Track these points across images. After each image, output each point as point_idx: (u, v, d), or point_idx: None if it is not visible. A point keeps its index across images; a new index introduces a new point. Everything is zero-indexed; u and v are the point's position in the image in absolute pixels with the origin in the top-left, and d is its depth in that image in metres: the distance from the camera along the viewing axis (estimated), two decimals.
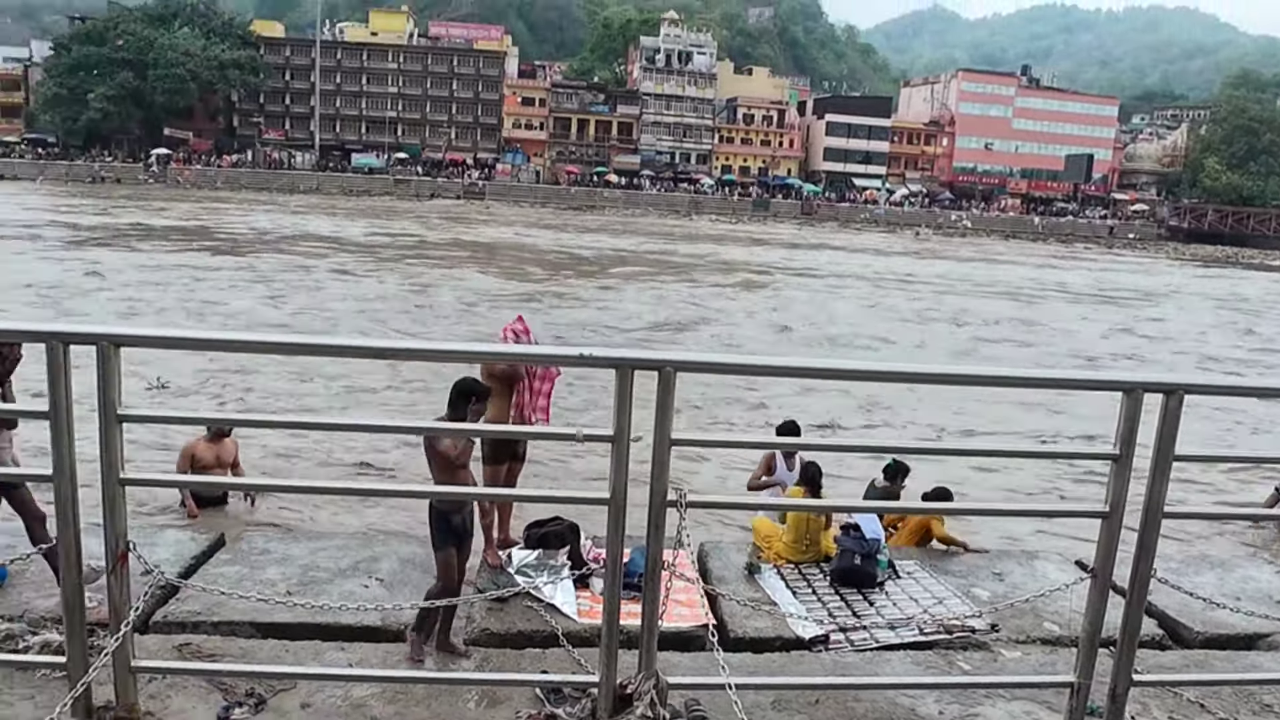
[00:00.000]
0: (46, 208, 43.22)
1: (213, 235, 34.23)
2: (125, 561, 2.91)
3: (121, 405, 2.80)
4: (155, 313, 17.78)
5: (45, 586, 4.33)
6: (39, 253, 25.99)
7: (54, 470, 2.80)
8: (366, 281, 23.89)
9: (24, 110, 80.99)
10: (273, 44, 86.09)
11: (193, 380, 11.80)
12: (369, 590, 4.78)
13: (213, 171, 72.14)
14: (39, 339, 2.79)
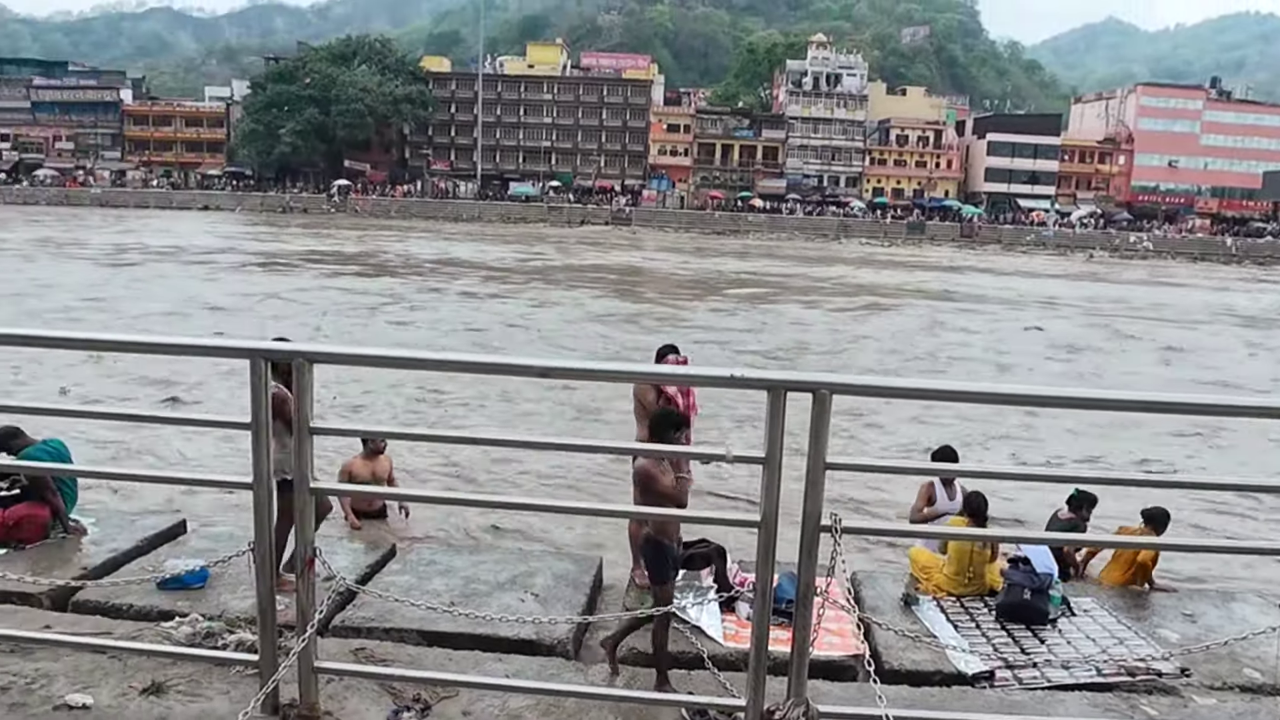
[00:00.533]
0: (234, 235, 47.36)
1: (365, 260, 36.48)
2: (312, 567, 3.05)
3: (313, 419, 2.96)
4: (296, 328, 19.22)
5: (240, 589, 4.71)
6: (207, 276, 28.53)
7: (253, 479, 2.98)
8: (489, 303, 24.88)
9: (226, 145, 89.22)
10: (440, 78, 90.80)
11: (360, 397, 12.46)
12: (525, 605, 4.92)
13: (386, 201, 77.03)
14: (244, 355, 2.98)
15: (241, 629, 4.02)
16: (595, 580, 5.42)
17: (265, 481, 3.01)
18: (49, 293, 23.08)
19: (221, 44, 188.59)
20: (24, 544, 5.21)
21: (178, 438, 9.80)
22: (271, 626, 3.08)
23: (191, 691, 3.47)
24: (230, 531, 5.70)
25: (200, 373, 13.36)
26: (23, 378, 13.09)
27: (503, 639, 4.42)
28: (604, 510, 5.67)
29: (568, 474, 9.31)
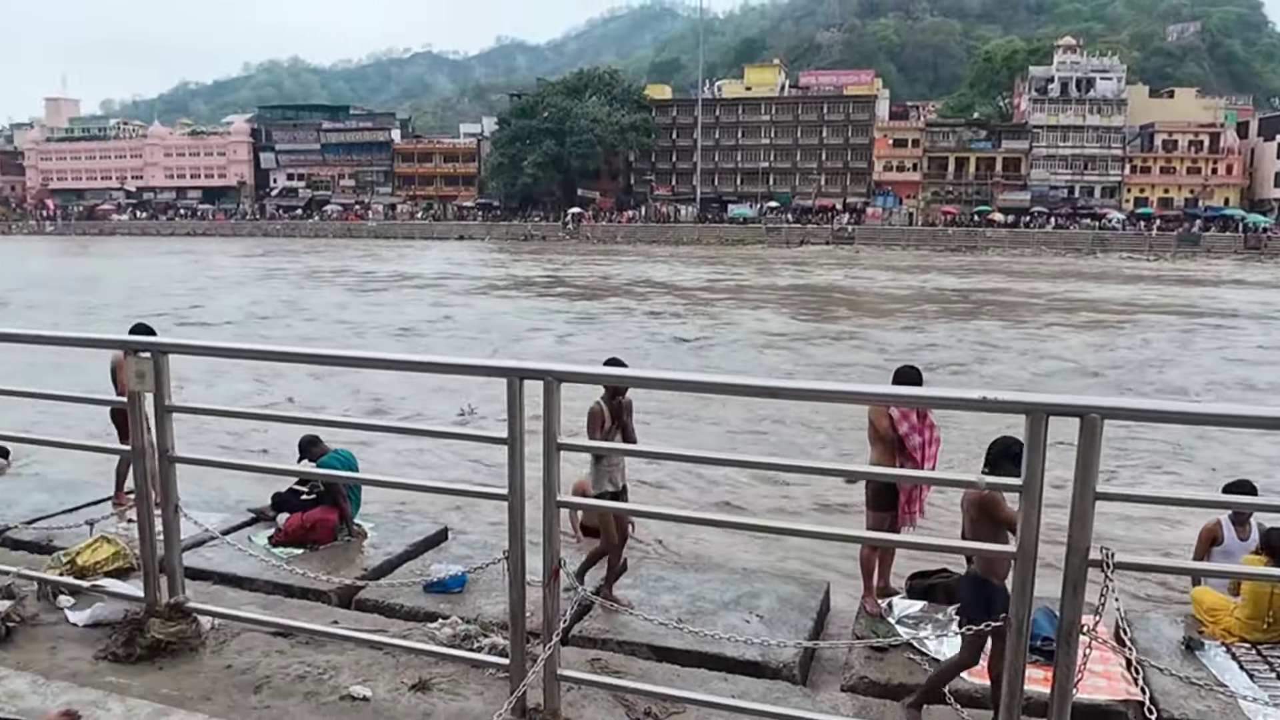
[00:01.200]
0: (467, 262, 51.22)
1: (571, 283, 38.20)
2: (557, 577, 3.19)
3: (560, 435, 3.08)
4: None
5: (493, 594, 5.01)
6: (433, 300, 30.94)
7: (509, 490, 3.15)
8: (672, 324, 25.04)
9: (477, 178, 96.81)
10: (662, 106, 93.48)
11: None
12: (750, 625, 4.90)
13: (614, 227, 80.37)
14: (502, 374, 3.16)
15: (494, 633, 4.26)
16: (822, 605, 5.31)
17: (519, 494, 3.15)
18: (299, 314, 26.20)
19: (473, 83, 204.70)
20: (317, 544, 5.84)
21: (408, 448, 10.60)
22: (521, 633, 3.23)
23: (452, 690, 3.73)
24: (484, 540, 6.12)
25: (405, 389, 14.46)
26: (264, 388, 14.74)
27: (728, 659, 4.42)
28: (837, 535, 5.49)
29: (767, 496, 9.18)
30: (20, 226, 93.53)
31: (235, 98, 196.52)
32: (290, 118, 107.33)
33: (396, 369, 8.03)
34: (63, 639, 3.97)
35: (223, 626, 3.98)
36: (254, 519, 6.25)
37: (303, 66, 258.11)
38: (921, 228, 77.01)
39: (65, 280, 38.52)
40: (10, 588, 4.17)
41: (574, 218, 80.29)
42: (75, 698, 3.17)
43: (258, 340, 19.72)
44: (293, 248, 64.22)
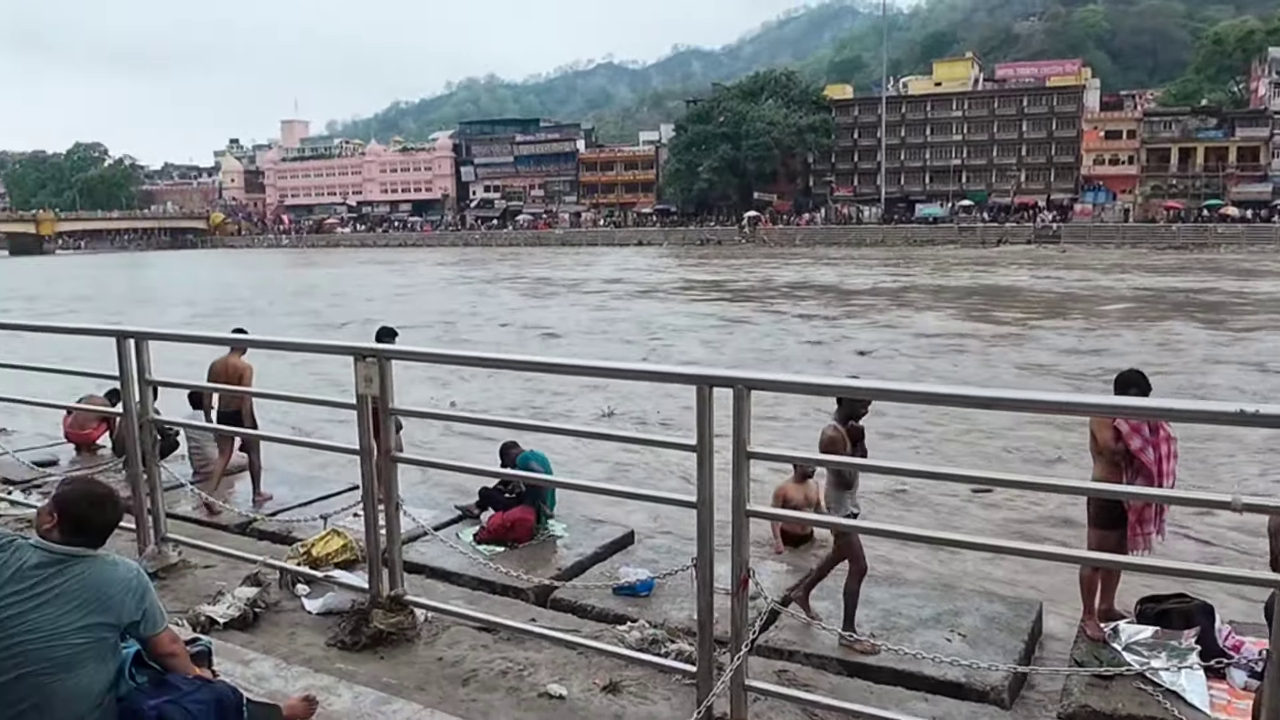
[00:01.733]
0: (635, 268, 51.65)
1: (730, 287, 37.60)
2: (746, 587, 3.16)
3: (750, 443, 3.06)
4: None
5: (679, 600, 5.07)
6: (595, 304, 31.42)
7: (697, 499, 3.16)
8: (822, 329, 24.11)
9: (655, 185, 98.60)
10: (842, 105, 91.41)
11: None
12: (951, 644, 4.69)
13: (791, 230, 79.31)
14: (691, 381, 3.18)
15: (680, 639, 4.30)
16: (1033, 627, 5.00)
17: (709, 502, 3.15)
18: (473, 319, 27.49)
19: (651, 92, 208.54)
20: (517, 543, 6.14)
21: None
22: (709, 641, 3.22)
23: (640, 694, 3.79)
24: (670, 545, 6.21)
25: (567, 389, 14.85)
26: (439, 389, 15.34)
27: (927, 678, 4.25)
28: (1060, 555, 5.07)
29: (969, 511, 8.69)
30: (261, 240, 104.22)
31: (439, 115, 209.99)
32: (487, 132, 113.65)
33: (584, 374, 8.27)
34: (299, 625, 4.36)
35: (435, 619, 4.24)
36: (461, 516, 6.65)
37: (497, 83, 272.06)
38: (1139, 224, 70.72)
39: (293, 288, 42.76)
40: (258, 575, 4.65)
41: (750, 221, 79.91)
42: (311, 683, 3.44)
43: (445, 345, 20.87)
44: (484, 256, 67.77)
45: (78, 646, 2.48)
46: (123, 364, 4.46)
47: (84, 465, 8.17)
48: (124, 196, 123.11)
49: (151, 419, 4.62)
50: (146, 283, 48.99)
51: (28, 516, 5.60)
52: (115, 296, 40.62)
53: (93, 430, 8.76)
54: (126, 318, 28.03)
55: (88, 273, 61.01)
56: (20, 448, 7.83)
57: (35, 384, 8.21)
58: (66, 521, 2.59)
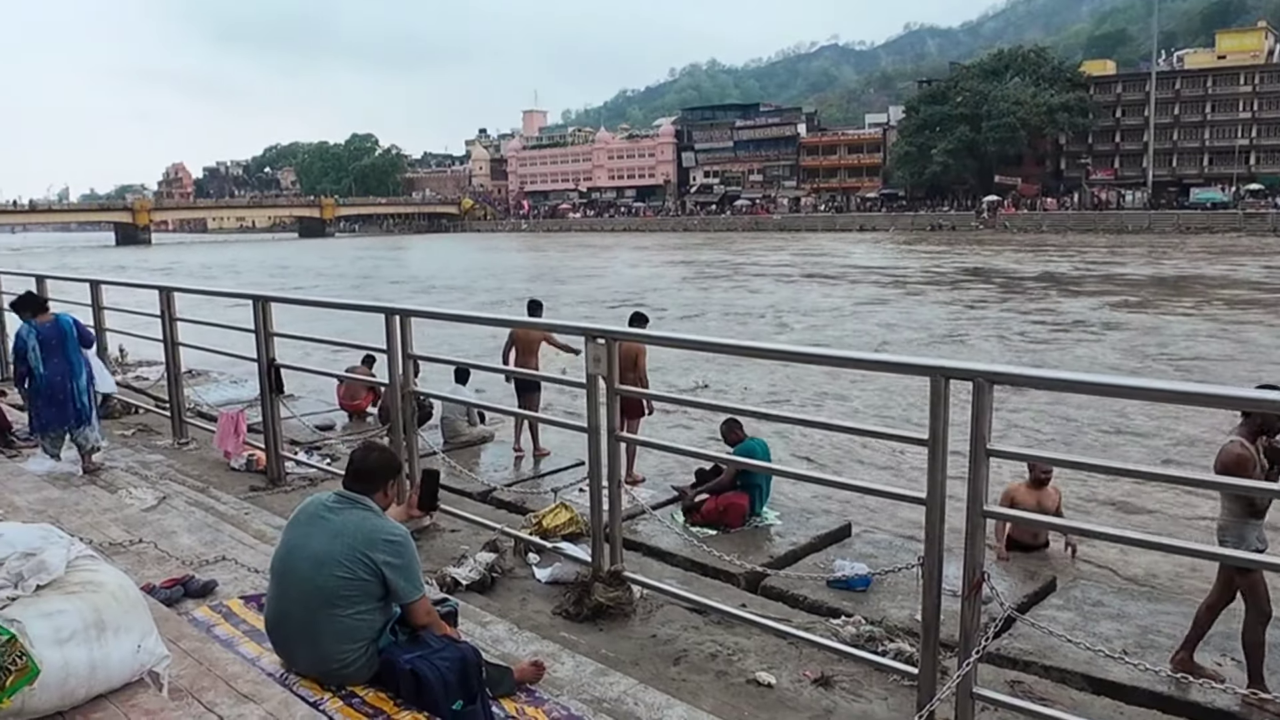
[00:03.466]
0: (854, 253, 49.80)
1: (990, 275, 35.12)
2: (979, 590, 3.00)
3: (990, 441, 2.89)
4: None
5: (899, 598, 4.89)
6: (796, 289, 30.25)
7: (927, 494, 3.04)
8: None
9: (881, 169, 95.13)
10: (1102, 83, 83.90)
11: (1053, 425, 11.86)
12: (1223, 669, 4.23)
13: (1037, 215, 73.56)
14: (925, 372, 3.05)
15: (900, 639, 4.16)
16: None
17: (939, 499, 3.03)
18: (650, 297, 27.38)
19: (878, 73, 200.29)
20: (729, 527, 6.17)
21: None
22: (934, 644, 3.11)
23: (854, 690, 3.70)
24: (890, 540, 6.00)
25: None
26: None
27: (1192, 703, 3.84)
28: None
29: None
30: (503, 224, 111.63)
31: (662, 101, 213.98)
32: (707, 118, 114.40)
33: (817, 363, 8.13)
34: (530, 592, 4.66)
35: (650, 596, 4.36)
36: (676, 497, 6.78)
37: (718, 68, 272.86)
38: None
39: (524, 271, 45.35)
40: (496, 542, 5.01)
41: (989, 206, 74.96)
42: (539, 648, 3.63)
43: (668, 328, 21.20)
44: (697, 241, 68.15)
45: (342, 580, 2.78)
46: (390, 338, 4.92)
47: (355, 430, 9.15)
48: (390, 184, 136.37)
49: (412, 390, 5.07)
50: (418, 266, 53.68)
51: (309, 475, 6.35)
52: (387, 277, 44.93)
53: (362, 399, 9.77)
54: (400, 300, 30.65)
55: (366, 254, 67.67)
56: (305, 412, 8.84)
57: (316, 355, 9.27)
58: (350, 470, 2.99)
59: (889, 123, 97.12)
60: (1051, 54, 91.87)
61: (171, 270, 52.94)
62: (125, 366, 11.34)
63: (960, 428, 2.95)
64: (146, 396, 9.31)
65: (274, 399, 6.16)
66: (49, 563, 2.20)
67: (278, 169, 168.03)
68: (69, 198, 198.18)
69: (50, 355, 6.01)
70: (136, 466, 6.54)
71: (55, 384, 6.01)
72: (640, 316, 7.67)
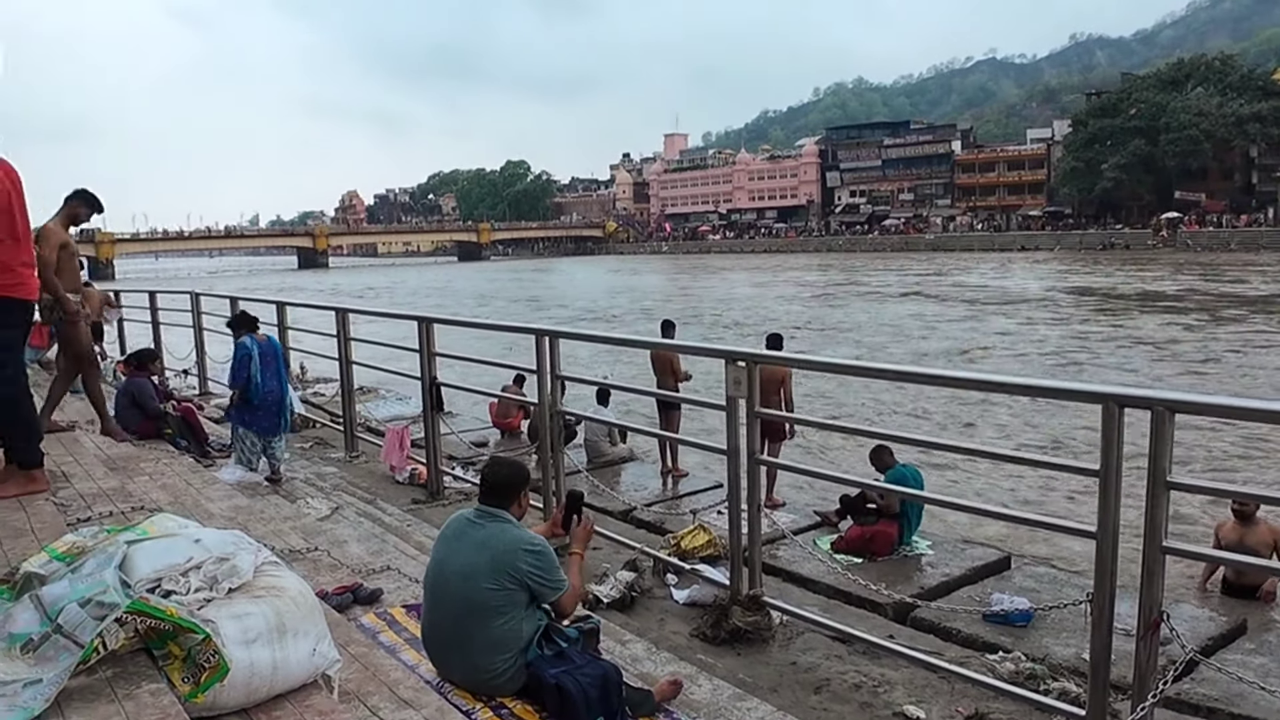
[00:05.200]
0: (1016, 274, 47.22)
1: (1189, 298, 32.35)
2: (1157, 630, 2.87)
3: (1171, 473, 2.75)
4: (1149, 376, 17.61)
5: (1063, 635, 4.61)
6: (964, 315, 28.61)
7: (1098, 527, 2.91)
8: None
9: (1045, 186, 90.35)
10: None
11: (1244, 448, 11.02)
12: None
13: (1225, 233, 67.63)
14: (1098, 400, 2.92)
15: (1065, 678, 3.92)
16: None
17: (1112, 533, 2.90)
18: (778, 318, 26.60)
19: (1041, 86, 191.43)
20: (876, 556, 5.99)
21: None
22: (1104, 685, 2.98)
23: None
24: (1053, 574, 5.65)
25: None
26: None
27: None
28: None
29: None
30: (645, 246, 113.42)
31: (805, 122, 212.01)
32: (853, 137, 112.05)
33: (983, 389, 7.82)
34: (668, 613, 4.68)
35: (789, 623, 4.29)
36: (820, 522, 6.64)
37: (865, 86, 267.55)
38: None
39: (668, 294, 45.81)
40: (635, 562, 5.07)
41: (1169, 223, 69.53)
42: (676, 669, 3.64)
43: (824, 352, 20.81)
44: (850, 263, 66.42)
45: (489, 592, 2.90)
46: (539, 359, 5.09)
47: (506, 447, 9.51)
48: (541, 208, 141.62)
49: (559, 410, 5.23)
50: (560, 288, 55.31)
51: (465, 490, 6.64)
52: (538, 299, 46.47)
53: (514, 418, 10.15)
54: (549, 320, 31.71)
55: (528, 275, 70.01)
56: (462, 429, 9.24)
57: (473, 375, 9.70)
58: (483, 485, 3.14)
59: (1053, 138, 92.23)
60: (1240, 61, 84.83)
61: (338, 289, 56.92)
62: (305, 383, 12.22)
63: (1131, 459, 2.78)
64: (323, 411, 10.00)
65: (435, 416, 6.49)
66: (240, 567, 2.40)
67: (440, 195, 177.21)
68: (259, 224, 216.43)
69: (267, 369, 6.58)
70: (313, 478, 7.02)
71: (270, 396, 6.56)
72: (776, 337, 7.57)
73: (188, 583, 2.35)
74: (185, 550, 2.47)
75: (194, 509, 5.09)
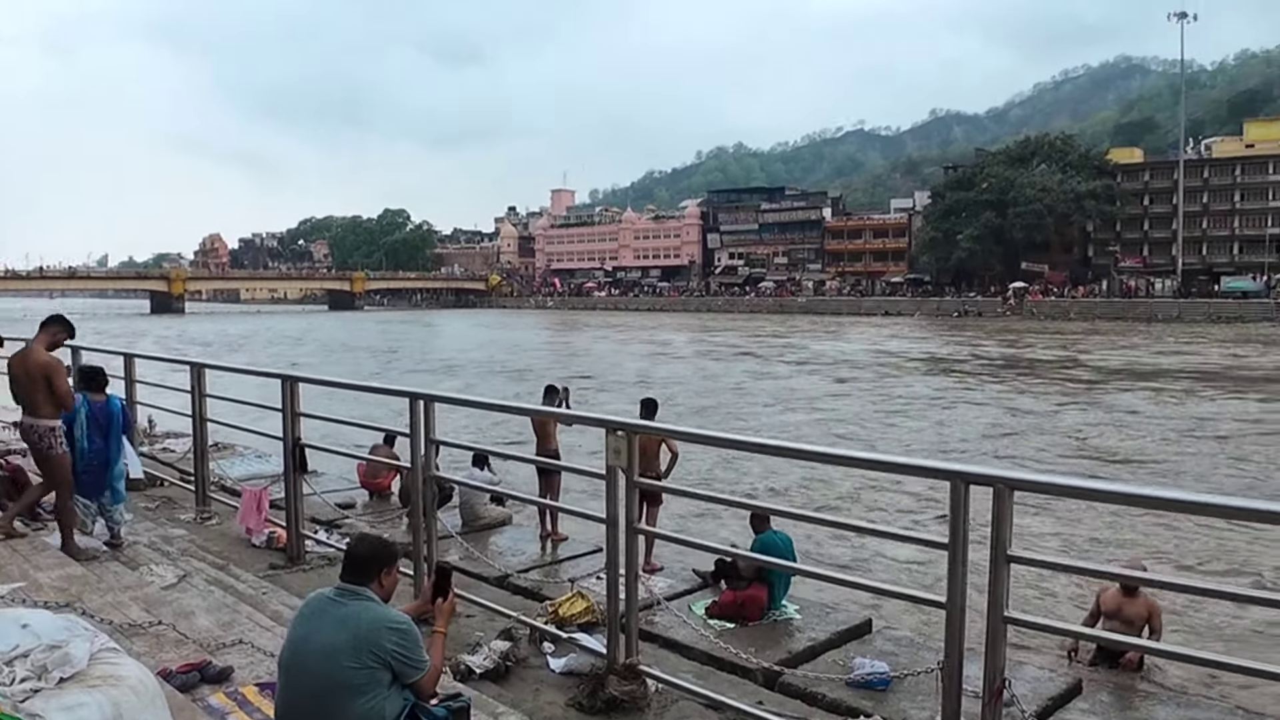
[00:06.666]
0: (893, 338, 49.78)
1: (1001, 361, 34.92)
2: (1000, 696, 2.98)
3: (1011, 546, 2.91)
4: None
5: (919, 699, 4.75)
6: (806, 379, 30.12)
7: (948, 599, 3.06)
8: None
9: (907, 253, 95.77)
10: (1130, 170, 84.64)
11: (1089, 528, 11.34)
12: None
13: (1065, 303, 73.37)
14: (945, 476, 3.09)
15: None
16: None
17: (959, 604, 3.04)
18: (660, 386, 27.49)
19: (904, 158, 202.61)
20: (748, 621, 6.05)
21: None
22: None
23: None
24: (911, 639, 5.86)
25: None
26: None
27: None
28: None
29: None
30: (529, 301, 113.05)
31: (689, 183, 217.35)
32: (733, 201, 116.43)
33: (836, 463, 8.04)
34: (544, 683, 4.60)
35: (665, 691, 4.29)
36: (697, 586, 6.69)
37: (745, 151, 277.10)
38: None
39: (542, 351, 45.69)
40: (511, 630, 4.96)
41: (1016, 292, 74.93)
42: None
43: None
44: (716, 324, 68.06)
45: (350, 670, 2.81)
46: (413, 422, 4.99)
47: (375, 510, 9.15)
48: (421, 259, 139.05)
49: (434, 475, 5.12)
50: (437, 341, 54.36)
51: (328, 554, 6.36)
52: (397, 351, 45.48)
53: (384, 479, 9.81)
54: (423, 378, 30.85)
55: (399, 328, 68.58)
56: (326, 490, 8.84)
57: (339, 432, 9.33)
58: (346, 562, 3.05)
59: (915, 208, 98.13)
60: (1078, 141, 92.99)
61: (184, 335, 55.02)
62: (152, 438, 11.46)
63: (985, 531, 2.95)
64: (172, 469, 9.40)
65: (297, 477, 6.22)
66: (73, 655, 2.24)
67: (311, 241, 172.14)
68: (108, 264, 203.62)
69: (95, 434, 6.21)
70: (158, 541, 6.58)
71: (94, 464, 6.20)
72: (651, 402, 7.64)
73: (12, 673, 2.18)
74: (10, 636, 2.29)
75: (20, 579, 4.69)
